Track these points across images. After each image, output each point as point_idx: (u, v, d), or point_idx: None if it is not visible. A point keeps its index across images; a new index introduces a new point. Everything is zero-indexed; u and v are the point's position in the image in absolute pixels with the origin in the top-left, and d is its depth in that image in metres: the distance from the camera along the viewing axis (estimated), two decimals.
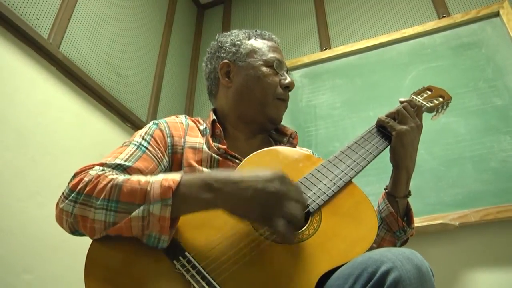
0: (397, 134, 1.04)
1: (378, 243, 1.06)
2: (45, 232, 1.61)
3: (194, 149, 1.06)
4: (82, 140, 1.95)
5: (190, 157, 1.04)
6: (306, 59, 2.65)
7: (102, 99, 2.13)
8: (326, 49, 2.66)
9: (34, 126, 1.70)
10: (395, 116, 1.09)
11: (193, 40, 3.30)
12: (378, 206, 1.10)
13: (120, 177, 0.80)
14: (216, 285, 0.67)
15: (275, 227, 0.73)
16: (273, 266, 0.75)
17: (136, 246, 0.74)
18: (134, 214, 0.73)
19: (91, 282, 0.68)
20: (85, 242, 0.77)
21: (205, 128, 1.14)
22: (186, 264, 0.71)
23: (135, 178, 0.79)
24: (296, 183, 0.79)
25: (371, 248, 0.81)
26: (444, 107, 1.29)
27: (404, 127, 1.05)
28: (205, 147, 1.07)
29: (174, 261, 0.71)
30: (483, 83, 2.09)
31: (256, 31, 1.25)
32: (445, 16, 2.40)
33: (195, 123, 1.17)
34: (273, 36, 1.27)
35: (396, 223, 1.04)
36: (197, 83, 3.08)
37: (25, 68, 1.73)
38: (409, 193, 1.09)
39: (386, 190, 1.10)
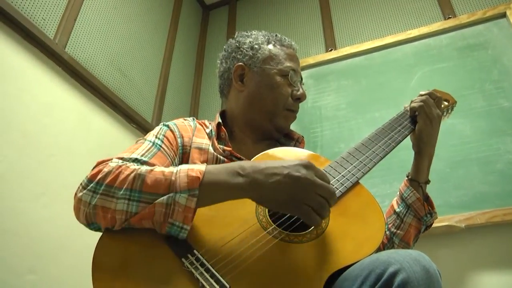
0: (429, 120, 1.12)
1: (406, 230, 1.10)
2: (49, 233, 1.61)
3: (200, 149, 1.07)
4: (87, 140, 1.95)
5: (195, 157, 1.04)
6: (311, 60, 2.64)
7: (107, 100, 2.13)
8: (331, 50, 2.65)
9: (40, 126, 1.71)
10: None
11: (198, 40, 3.31)
12: (402, 194, 1.13)
13: (143, 168, 0.80)
14: (225, 283, 0.67)
15: (303, 214, 0.75)
16: (281, 265, 0.74)
17: (143, 244, 0.74)
18: (159, 200, 0.74)
19: (98, 282, 0.68)
20: (90, 242, 0.77)
21: (211, 130, 1.14)
22: (195, 262, 0.70)
23: (158, 169, 0.80)
24: (322, 170, 0.79)
25: (378, 249, 0.81)
26: (449, 111, 1.30)
27: (437, 111, 1.13)
28: (211, 148, 1.07)
29: (183, 259, 0.71)
30: (489, 85, 2.08)
31: (276, 35, 1.24)
32: (451, 17, 2.39)
33: (202, 125, 1.18)
34: (293, 43, 1.25)
35: (423, 207, 1.09)
36: (202, 84, 3.08)
37: (30, 68, 1.73)
38: (428, 180, 1.14)
39: (409, 177, 1.14)
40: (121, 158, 0.88)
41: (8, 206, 1.50)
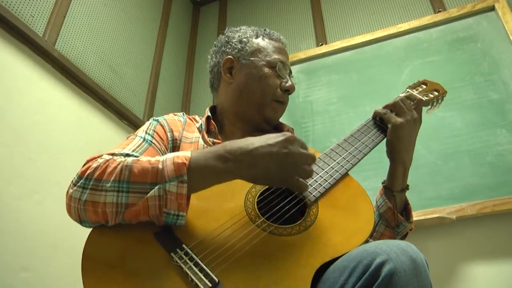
0: (392, 126, 1.05)
1: (378, 239, 1.05)
2: (42, 230, 1.61)
3: (190, 143, 1.08)
4: (79, 137, 1.94)
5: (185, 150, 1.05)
6: (302, 55, 2.65)
7: (98, 97, 2.12)
8: (322, 44, 2.66)
9: (31, 124, 1.70)
10: (392, 108, 1.10)
11: (189, 37, 3.30)
12: (376, 202, 1.10)
13: (129, 159, 0.81)
14: (214, 277, 0.67)
15: (295, 186, 0.82)
16: (270, 257, 0.75)
17: (132, 239, 0.74)
18: (150, 193, 0.74)
19: (88, 279, 0.68)
20: (83, 239, 0.76)
21: (201, 125, 1.16)
22: (184, 256, 0.70)
23: (144, 158, 0.80)
24: (299, 139, 0.84)
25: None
26: (439, 101, 1.29)
27: (400, 119, 1.05)
28: (201, 141, 1.09)
29: (172, 254, 0.71)
30: (479, 77, 2.10)
31: (265, 30, 1.25)
32: (441, 11, 2.40)
33: (192, 120, 1.19)
34: (281, 37, 1.27)
35: (394, 218, 1.04)
36: (193, 80, 3.08)
37: (20, 66, 1.72)
38: (407, 187, 1.08)
39: (384, 184, 1.09)
40: (112, 154, 0.88)
41: (0, 203, 1.49)
